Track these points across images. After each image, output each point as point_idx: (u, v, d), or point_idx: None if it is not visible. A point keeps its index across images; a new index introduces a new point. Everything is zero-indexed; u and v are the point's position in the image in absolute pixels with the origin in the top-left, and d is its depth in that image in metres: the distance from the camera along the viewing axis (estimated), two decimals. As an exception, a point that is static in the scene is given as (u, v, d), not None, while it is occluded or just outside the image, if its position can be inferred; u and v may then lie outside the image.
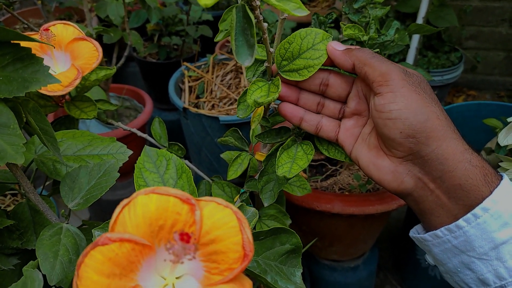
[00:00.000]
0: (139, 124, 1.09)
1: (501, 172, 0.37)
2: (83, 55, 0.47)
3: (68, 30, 0.49)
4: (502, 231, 0.34)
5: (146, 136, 0.62)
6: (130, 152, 0.47)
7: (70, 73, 0.44)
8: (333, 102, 0.43)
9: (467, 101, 1.12)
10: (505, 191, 0.34)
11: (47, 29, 0.46)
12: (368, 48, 0.40)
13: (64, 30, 0.49)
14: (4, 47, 0.30)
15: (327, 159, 0.88)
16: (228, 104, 1.13)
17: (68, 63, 0.48)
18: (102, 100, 0.56)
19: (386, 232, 1.27)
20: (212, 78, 1.19)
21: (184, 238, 0.24)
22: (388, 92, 0.36)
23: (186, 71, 1.22)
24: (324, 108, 0.43)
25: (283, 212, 0.58)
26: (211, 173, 0.66)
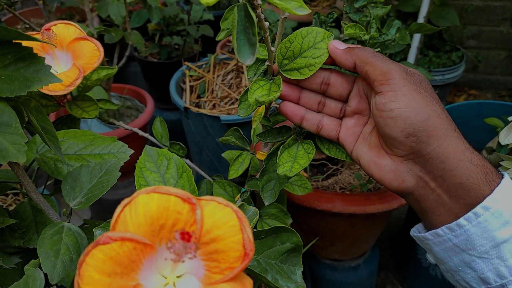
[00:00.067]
0: (141, 124, 1.09)
1: (502, 171, 0.37)
2: (85, 55, 0.47)
3: (70, 30, 0.49)
4: (503, 230, 0.34)
5: (148, 136, 0.63)
6: (131, 152, 0.47)
7: (72, 73, 0.44)
8: (334, 101, 0.43)
9: (468, 101, 1.11)
10: (506, 190, 0.34)
11: (49, 29, 0.46)
12: (369, 47, 0.40)
13: (66, 30, 0.49)
14: (6, 47, 0.30)
15: (328, 159, 0.88)
16: (229, 104, 1.13)
17: (70, 63, 0.48)
18: (104, 100, 0.57)
19: (387, 231, 1.27)
20: (213, 78, 1.19)
21: (185, 237, 0.24)
22: (389, 91, 0.36)
23: (187, 71, 1.22)
24: (325, 107, 0.43)
25: (284, 211, 0.58)
26: (213, 173, 0.66)
